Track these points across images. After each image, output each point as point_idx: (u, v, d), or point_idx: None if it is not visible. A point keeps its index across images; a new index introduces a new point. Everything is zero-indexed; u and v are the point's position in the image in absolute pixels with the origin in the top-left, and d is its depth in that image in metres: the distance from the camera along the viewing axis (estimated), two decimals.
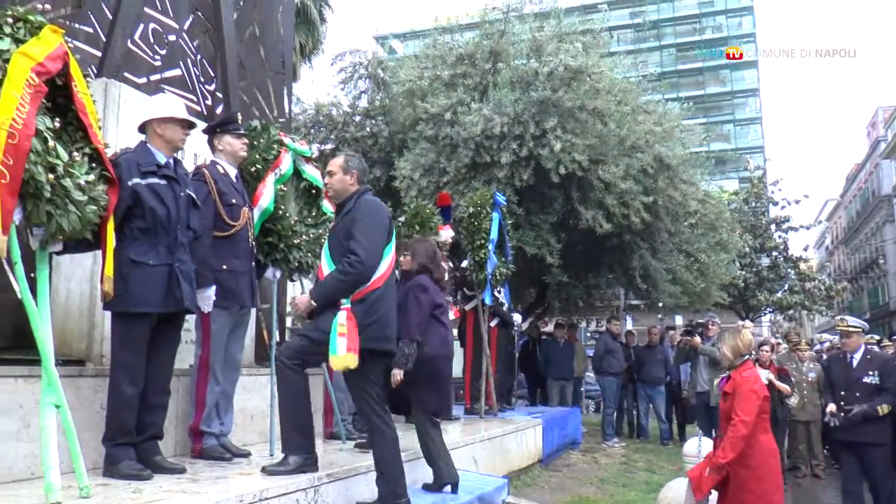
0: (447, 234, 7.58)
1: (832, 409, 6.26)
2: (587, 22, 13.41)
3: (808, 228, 27.12)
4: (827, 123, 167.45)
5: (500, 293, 8.63)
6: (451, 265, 7.88)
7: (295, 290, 6.33)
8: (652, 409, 12.15)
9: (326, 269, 4.00)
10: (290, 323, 7.06)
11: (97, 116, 3.43)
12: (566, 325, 12.95)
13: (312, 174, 5.25)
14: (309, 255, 4.99)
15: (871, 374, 6.17)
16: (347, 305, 3.83)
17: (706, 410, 8.65)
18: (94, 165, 3.31)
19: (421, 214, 7.24)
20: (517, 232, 10.21)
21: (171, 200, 3.82)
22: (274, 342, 4.87)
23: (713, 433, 7.05)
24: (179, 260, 3.82)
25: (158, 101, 4.26)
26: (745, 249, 19.79)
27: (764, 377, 8.09)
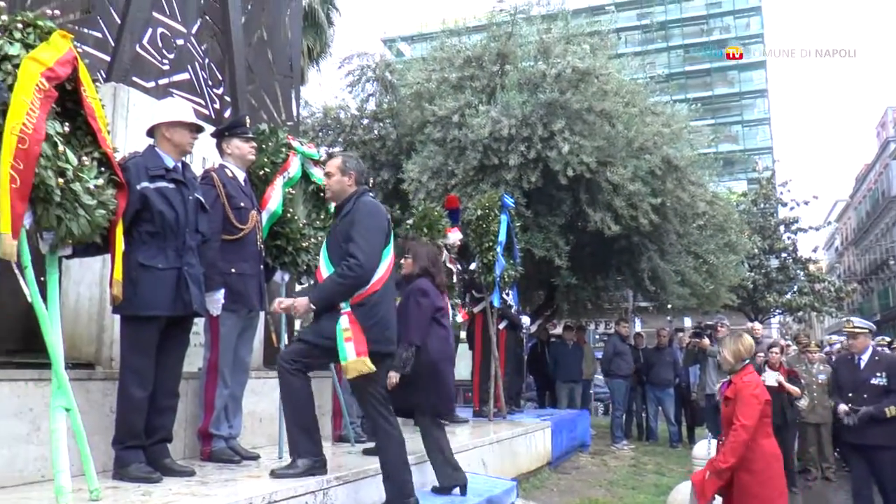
0: (455, 236, 7.58)
1: (844, 408, 6.22)
2: (595, 23, 13.35)
3: (817, 229, 26.94)
4: (836, 124, 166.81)
5: (508, 295, 8.61)
6: (459, 268, 7.88)
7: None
8: (661, 411, 12.09)
9: (325, 271, 4.00)
10: (298, 326, 7.07)
11: (106, 121, 3.44)
12: (575, 327, 12.92)
13: (320, 177, 5.25)
14: (317, 258, 4.99)
15: (878, 375, 6.13)
16: (347, 309, 3.83)
17: (715, 412, 8.57)
18: (103, 169, 3.33)
19: (429, 217, 7.25)
20: (525, 234, 10.18)
21: (179, 204, 3.84)
22: (283, 345, 4.88)
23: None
24: (188, 263, 3.84)
25: (167, 105, 4.29)
26: (753, 251, 19.70)
27: (773, 379, 8.12)
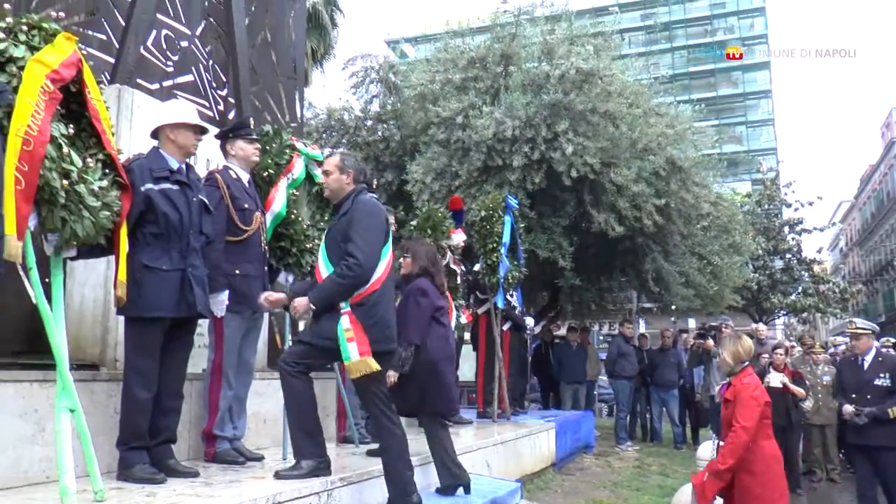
0: (459, 237, 7.57)
1: (850, 409, 6.20)
2: (598, 24, 13.29)
3: (821, 230, 26.87)
4: (840, 125, 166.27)
5: (512, 297, 8.60)
6: (463, 269, 7.87)
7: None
8: (665, 412, 12.07)
9: (324, 270, 3.99)
10: (301, 327, 7.06)
11: (110, 122, 3.45)
12: (579, 328, 12.92)
13: None
14: None
15: (882, 376, 6.13)
16: (347, 309, 3.83)
17: (719, 414, 8.58)
18: (107, 171, 3.33)
19: (433, 218, 7.25)
20: (529, 235, 10.18)
21: (183, 206, 3.84)
22: (287, 346, 4.88)
23: None
24: (192, 265, 3.85)
25: (171, 106, 4.30)
26: (758, 252, 19.61)
27: (778, 380, 8.11)
